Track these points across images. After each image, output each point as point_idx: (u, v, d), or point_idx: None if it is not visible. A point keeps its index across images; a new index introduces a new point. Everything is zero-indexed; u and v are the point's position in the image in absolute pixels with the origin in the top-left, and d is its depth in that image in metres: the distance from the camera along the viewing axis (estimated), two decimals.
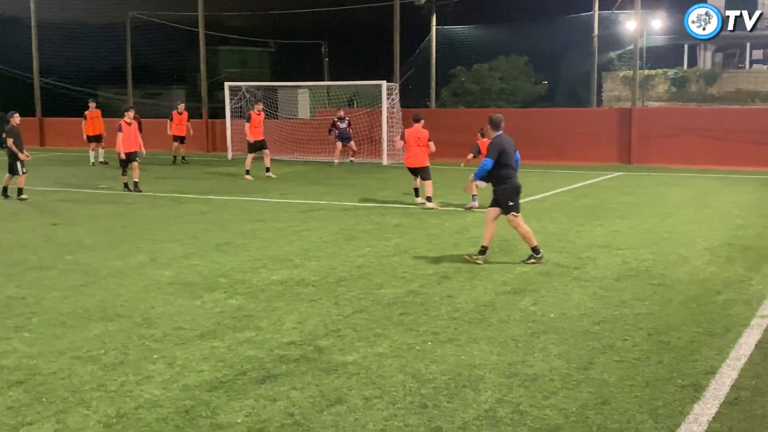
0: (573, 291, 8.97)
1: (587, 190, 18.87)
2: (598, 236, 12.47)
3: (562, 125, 27.09)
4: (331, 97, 32.56)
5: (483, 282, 9.42)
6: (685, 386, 6.03)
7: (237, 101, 29.95)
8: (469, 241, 12.04)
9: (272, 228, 13.44)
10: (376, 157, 27.38)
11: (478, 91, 44.87)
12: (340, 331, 7.47)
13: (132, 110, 19.31)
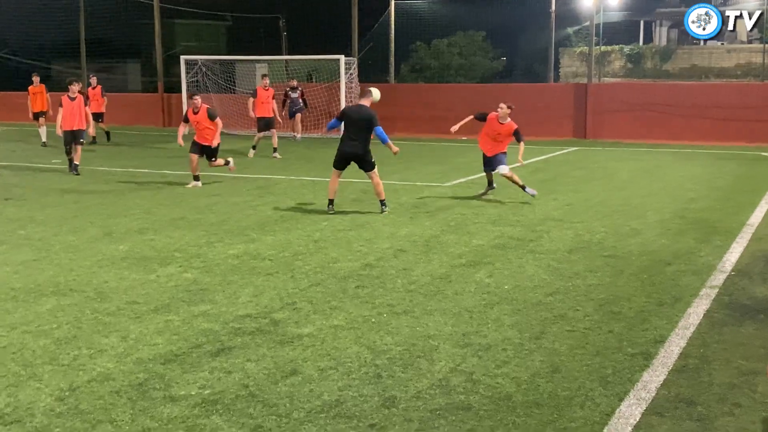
0: (527, 263, 9.07)
1: (542, 165, 19.02)
2: (552, 210, 12.59)
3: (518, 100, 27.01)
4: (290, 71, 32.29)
5: (438, 255, 9.48)
6: (634, 354, 6.14)
7: (193, 75, 29.58)
8: (426, 215, 12.09)
9: (228, 203, 13.36)
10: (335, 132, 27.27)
11: (437, 67, 44.86)
12: (296, 304, 7.48)
13: (77, 83, 17.54)
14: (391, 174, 16.59)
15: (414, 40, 43.70)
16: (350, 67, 27.58)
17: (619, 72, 45.35)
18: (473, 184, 15.64)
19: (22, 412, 5.11)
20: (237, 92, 30.34)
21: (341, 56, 27.09)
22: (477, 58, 45.69)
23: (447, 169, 18.15)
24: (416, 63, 45.98)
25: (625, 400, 5.33)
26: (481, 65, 45.65)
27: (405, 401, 5.30)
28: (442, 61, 45.18)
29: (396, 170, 17.66)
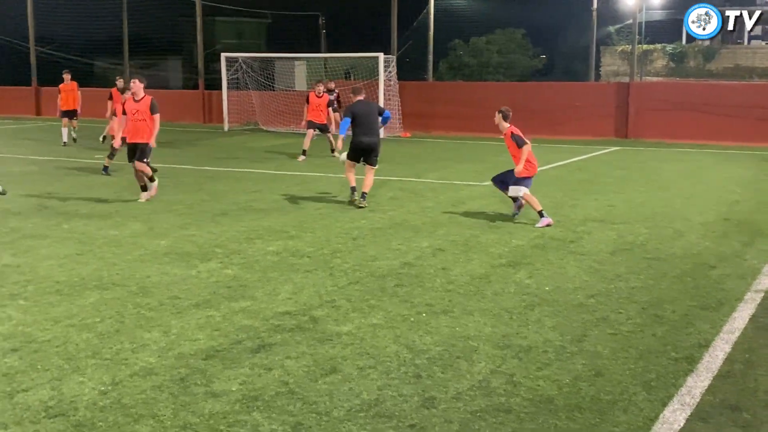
0: (568, 264, 8.98)
1: (582, 164, 18.84)
2: (593, 210, 12.46)
3: (558, 99, 27.01)
4: (328, 69, 32.37)
5: (478, 255, 9.42)
6: (678, 359, 6.05)
7: (233, 72, 29.78)
8: (465, 215, 12.03)
9: (268, 199, 13.42)
10: None
11: (475, 65, 44.68)
12: (335, 301, 7.48)
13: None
14: (429, 172, 16.56)
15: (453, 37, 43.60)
16: (389, 65, 27.54)
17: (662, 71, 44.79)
18: None
19: (66, 405, 5.16)
20: (276, 90, 30.50)
21: (380, 54, 27.05)
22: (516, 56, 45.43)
23: (486, 167, 18.02)
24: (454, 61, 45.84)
25: (669, 405, 5.25)
26: (520, 63, 45.38)
27: (445, 402, 5.26)
28: (480, 58, 44.98)
29: (434, 168, 17.62)
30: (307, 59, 33.61)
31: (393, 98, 27.55)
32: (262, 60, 31.66)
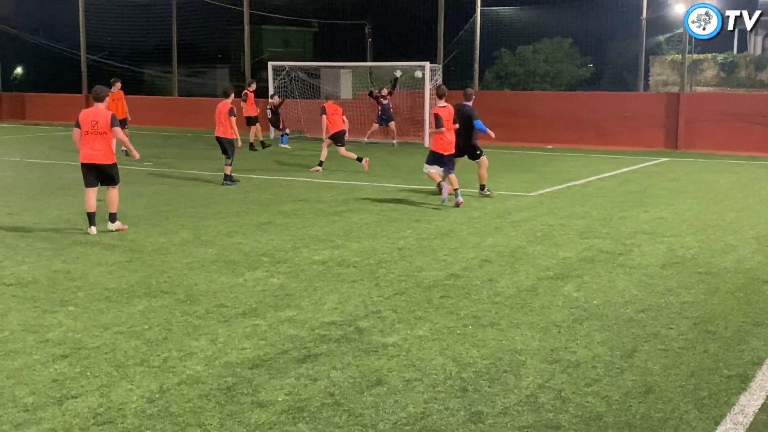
0: (617, 278, 8.86)
1: (632, 176, 18.62)
2: (643, 223, 12.30)
3: (607, 109, 26.75)
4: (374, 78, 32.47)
5: (525, 267, 9.35)
6: (731, 376, 5.93)
7: (280, 80, 30.00)
8: (511, 225, 11.96)
9: (314, 208, 13.48)
10: (418, 138, 27.29)
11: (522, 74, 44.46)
12: (381, 312, 7.47)
13: None
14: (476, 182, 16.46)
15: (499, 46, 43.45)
16: (435, 74, 27.52)
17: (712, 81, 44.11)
18: (560, 194, 15.41)
19: (114, 412, 5.23)
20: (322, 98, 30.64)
21: (426, 63, 27.05)
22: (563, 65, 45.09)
23: (533, 178, 17.94)
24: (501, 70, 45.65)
25: (722, 424, 5.14)
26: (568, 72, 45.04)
27: (492, 417, 5.22)
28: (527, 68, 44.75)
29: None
30: (353, 68, 33.71)
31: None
32: (308, 69, 31.86)
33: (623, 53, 42.56)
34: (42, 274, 8.86)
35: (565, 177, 17.96)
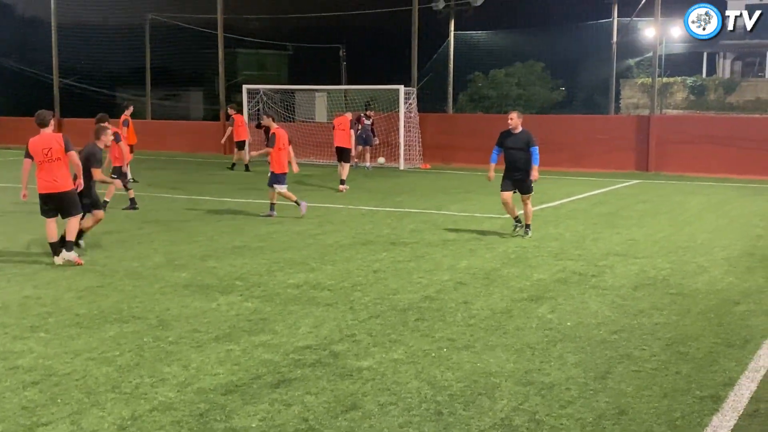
0: (590, 299, 8.90)
1: (604, 198, 18.76)
2: (615, 244, 12.38)
3: (579, 132, 26.98)
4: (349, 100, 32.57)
5: (499, 289, 9.37)
6: (703, 397, 5.96)
7: (255, 104, 30.01)
8: (486, 248, 11.99)
9: (288, 231, 13.44)
10: (393, 161, 27.36)
11: (495, 97, 44.78)
12: (356, 336, 7.45)
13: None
14: (450, 204, 16.54)
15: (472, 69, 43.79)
16: (409, 97, 27.67)
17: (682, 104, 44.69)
18: (534, 216, 15.45)
19: None
20: (296, 121, 30.67)
21: (401, 86, 27.20)
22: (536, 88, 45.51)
23: None
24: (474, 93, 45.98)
25: None
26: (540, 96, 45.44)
27: None
28: (500, 91, 45.09)
29: (455, 201, 17.60)
30: (328, 91, 33.82)
31: (413, 130, 27.65)
32: (283, 91, 31.90)
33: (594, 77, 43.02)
34: (12, 299, 8.74)
35: (538, 199, 18.02)
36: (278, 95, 31.13)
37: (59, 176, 10.62)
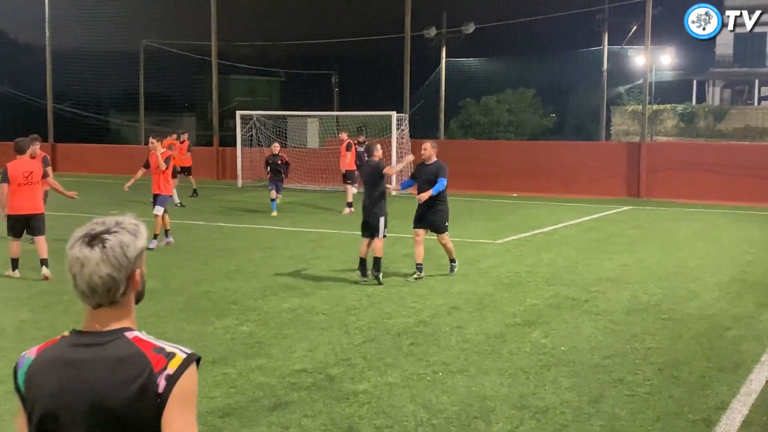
0: (583, 324, 8.99)
1: (595, 224, 18.90)
2: (607, 270, 12.49)
3: (570, 158, 27.20)
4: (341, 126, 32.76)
5: (493, 313, 9.45)
6: (696, 421, 6.03)
7: (248, 130, 30.16)
8: (479, 273, 12.07)
9: (282, 256, 13.50)
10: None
11: (486, 123, 45.13)
12: (351, 359, 7.50)
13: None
14: None
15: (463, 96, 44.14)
16: (401, 123, 27.85)
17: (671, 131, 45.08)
18: (526, 241, 15.60)
19: None
20: (288, 146, 30.78)
21: (393, 112, 27.40)
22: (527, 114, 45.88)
23: (499, 226, 18.14)
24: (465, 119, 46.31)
25: None
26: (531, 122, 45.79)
27: None
28: (491, 117, 45.44)
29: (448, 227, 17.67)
30: (320, 117, 34.01)
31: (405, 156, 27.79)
32: (275, 117, 32.07)
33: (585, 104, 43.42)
34: (8, 323, 8.77)
35: (530, 225, 18.18)
36: (271, 121, 31.28)
37: (34, 199, 11.35)
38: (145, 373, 2.20)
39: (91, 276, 2.22)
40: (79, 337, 2.28)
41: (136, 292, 2.37)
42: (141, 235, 2.34)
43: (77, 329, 2.30)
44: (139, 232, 2.34)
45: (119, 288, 2.27)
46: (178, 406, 2.21)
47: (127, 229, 2.31)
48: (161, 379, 2.20)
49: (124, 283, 2.27)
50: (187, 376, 2.25)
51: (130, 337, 2.28)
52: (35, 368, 2.29)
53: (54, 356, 2.27)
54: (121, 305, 2.31)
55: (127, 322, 2.33)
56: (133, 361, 2.22)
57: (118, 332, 2.28)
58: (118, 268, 2.25)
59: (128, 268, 2.27)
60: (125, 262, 2.26)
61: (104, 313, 2.28)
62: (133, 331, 2.32)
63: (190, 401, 2.25)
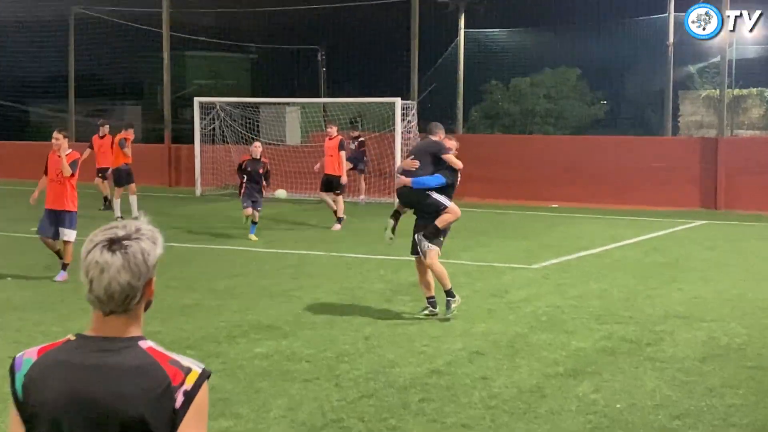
0: (645, 375, 8.99)
1: (660, 243, 18.90)
2: (676, 303, 12.49)
3: (626, 158, 27.19)
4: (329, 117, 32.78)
5: (527, 360, 9.44)
6: None
7: (210, 122, 30.18)
8: (509, 307, 12.08)
9: (254, 285, 13.51)
10: (386, 195, 27.47)
11: (517, 113, 45.13)
12: (343, 421, 7.50)
13: None
14: (462, 252, 16.61)
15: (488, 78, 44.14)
16: (408, 113, 27.84)
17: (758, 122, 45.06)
18: (570, 266, 15.61)
19: None
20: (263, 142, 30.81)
21: (397, 99, 27.40)
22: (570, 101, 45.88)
23: (534, 245, 18.15)
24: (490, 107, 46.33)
25: None
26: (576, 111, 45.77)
27: None
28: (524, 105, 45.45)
29: (468, 246, 17.68)
30: (302, 105, 34.07)
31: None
32: (245, 106, 32.11)
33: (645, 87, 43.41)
34: None
35: (575, 245, 18.18)
36: (238, 110, 31.35)
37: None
38: (163, 386, 2.70)
39: (110, 282, 2.71)
40: (88, 341, 2.77)
41: (148, 300, 2.86)
42: (159, 243, 2.85)
43: (84, 334, 2.77)
44: (158, 239, 2.85)
45: (136, 296, 2.77)
46: (194, 422, 2.73)
47: (147, 236, 2.81)
48: (179, 394, 2.71)
49: (140, 291, 2.78)
50: (203, 392, 2.77)
51: (144, 347, 2.78)
52: (38, 371, 2.74)
53: (61, 359, 2.74)
54: (133, 313, 2.80)
55: (138, 330, 2.82)
56: (150, 372, 2.72)
57: (132, 341, 2.78)
58: (138, 275, 2.75)
59: (147, 276, 2.78)
60: (145, 269, 2.77)
61: (116, 321, 2.78)
62: (146, 340, 2.81)
63: (204, 417, 2.78)
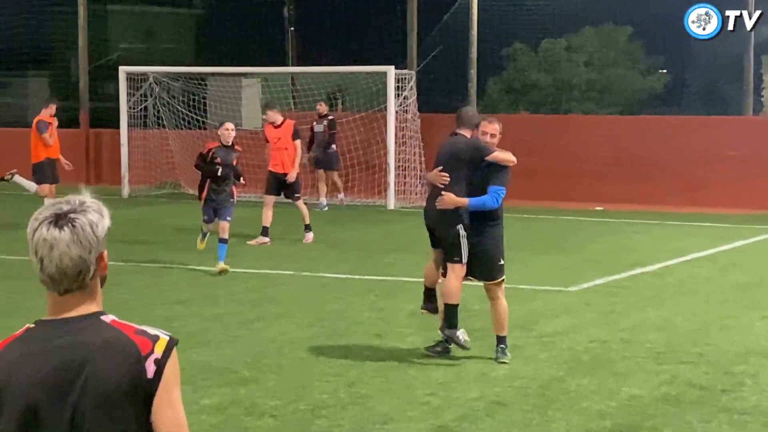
0: (720, 430, 8.98)
1: (739, 257, 18.94)
2: (760, 336, 12.53)
3: (694, 144, 27.26)
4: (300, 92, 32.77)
5: (564, 413, 9.44)
6: None
7: (140, 99, 30.11)
8: (540, 342, 12.09)
9: (201, 316, 13.51)
10: (375, 195, 27.46)
11: (550, 85, 45.17)
12: None
13: None
14: None
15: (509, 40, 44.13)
16: (405, 86, 27.79)
17: None
18: (620, 288, 15.62)
19: None
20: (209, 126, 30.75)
21: (390, 68, 27.38)
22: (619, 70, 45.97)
23: (574, 261, 18.18)
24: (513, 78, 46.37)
25: None
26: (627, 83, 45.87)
27: None
28: (557, 75, 45.47)
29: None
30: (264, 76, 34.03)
31: (411, 140, 27.71)
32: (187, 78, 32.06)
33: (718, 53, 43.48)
34: None
35: (627, 259, 18.20)
36: (179, 83, 31.36)
37: None
38: (134, 357, 3.21)
39: (61, 258, 3.24)
40: (49, 325, 3.33)
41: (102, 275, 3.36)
42: (106, 215, 3.32)
43: (43, 319, 3.35)
44: (104, 211, 3.32)
45: (89, 270, 3.27)
46: (168, 390, 3.25)
47: (93, 208, 3.30)
48: (150, 364, 3.23)
49: (93, 264, 3.27)
50: (173, 359, 3.30)
51: (108, 321, 3.29)
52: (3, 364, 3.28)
53: (26, 349, 3.31)
54: (89, 289, 3.32)
55: (97, 306, 3.33)
56: (119, 345, 3.23)
57: (94, 317, 3.30)
58: (89, 248, 3.25)
59: (98, 249, 3.27)
60: (95, 242, 3.26)
61: (73, 299, 3.31)
62: (108, 315, 3.31)
63: (177, 385, 3.30)
